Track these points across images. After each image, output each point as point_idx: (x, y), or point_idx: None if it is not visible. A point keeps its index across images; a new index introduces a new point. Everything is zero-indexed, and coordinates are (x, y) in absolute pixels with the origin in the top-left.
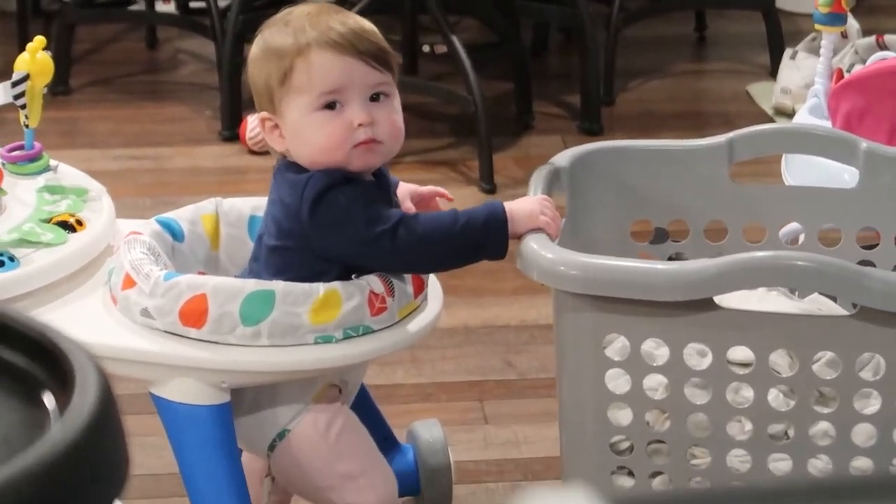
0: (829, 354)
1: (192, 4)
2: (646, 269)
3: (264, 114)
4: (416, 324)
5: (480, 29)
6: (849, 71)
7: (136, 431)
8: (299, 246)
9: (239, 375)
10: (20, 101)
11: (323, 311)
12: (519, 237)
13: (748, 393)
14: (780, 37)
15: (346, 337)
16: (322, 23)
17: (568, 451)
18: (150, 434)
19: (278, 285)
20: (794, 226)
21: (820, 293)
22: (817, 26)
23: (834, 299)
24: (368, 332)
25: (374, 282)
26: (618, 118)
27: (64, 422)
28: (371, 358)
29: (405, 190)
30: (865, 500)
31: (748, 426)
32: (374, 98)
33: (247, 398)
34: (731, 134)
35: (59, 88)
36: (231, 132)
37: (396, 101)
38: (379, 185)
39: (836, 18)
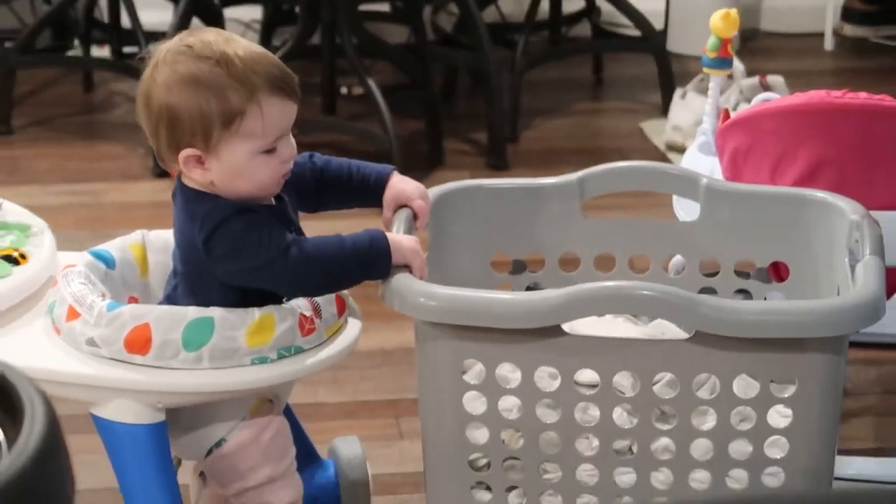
0: (668, 375)
1: (126, 49)
2: (498, 299)
3: (191, 151)
4: (341, 343)
5: (394, 72)
6: (735, 109)
7: (77, 449)
8: (200, 272)
9: (183, 396)
10: None
11: (258, 334)
12: (397, 266)
13: (595, 412)
14: (670, 78)
15: (280, 357)
16: (259, 65)
17: (431, 468)
18: (90, 452)
19: (216, 312)
20: (678, 258)
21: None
22: (705, 69)
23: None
24: (300, 351)
25: (303, 305)
26: (522, 154)
27: (13, 453)
28: (304, 376)
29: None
30: None
31: (595, 442)
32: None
33: (186, 414)
34: (581, 172)
35: (2, 128)
36: (162, 169)
37: None
38: (277, 209)
39: (722, 62)
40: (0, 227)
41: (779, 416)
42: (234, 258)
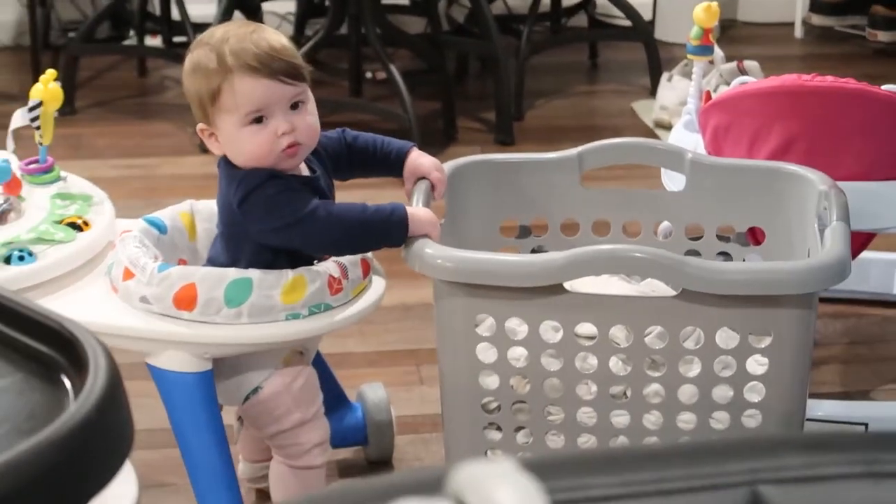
0: (658, 328)
1: (175, 39)
2: (508, 261)
3: (201, 125)
4: (366, 300)
5: (412, 58)
6: (715, 91)
7: (135, 394)
8: (235, 231)
9: (225, 348)
10: (35, 124)
11: (292, 293)
12: (413, 237)
13: (593, 361)
14: (658, 63)
15: (311, 313)
16: (240, 48)
17: (448, 410)
18: (146, 396)
19: (255, 273)
20: (666, 224)
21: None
22: (689, 55)
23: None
24: (329, 308)
25: (331, 267)
26: (526, 131)
27: (79, 400)
28: (332, 330)
29: (412, 169)
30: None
31: (594, 388)
32: (294, 106)
33: (226, 364)
34: (580, 148)
35: (66, 109)
36: None
37: (312, 105)
38: (310, 181)
39: (704, 49)
40: (65, 197)
41: (756, 365)
42: (266, 218)
